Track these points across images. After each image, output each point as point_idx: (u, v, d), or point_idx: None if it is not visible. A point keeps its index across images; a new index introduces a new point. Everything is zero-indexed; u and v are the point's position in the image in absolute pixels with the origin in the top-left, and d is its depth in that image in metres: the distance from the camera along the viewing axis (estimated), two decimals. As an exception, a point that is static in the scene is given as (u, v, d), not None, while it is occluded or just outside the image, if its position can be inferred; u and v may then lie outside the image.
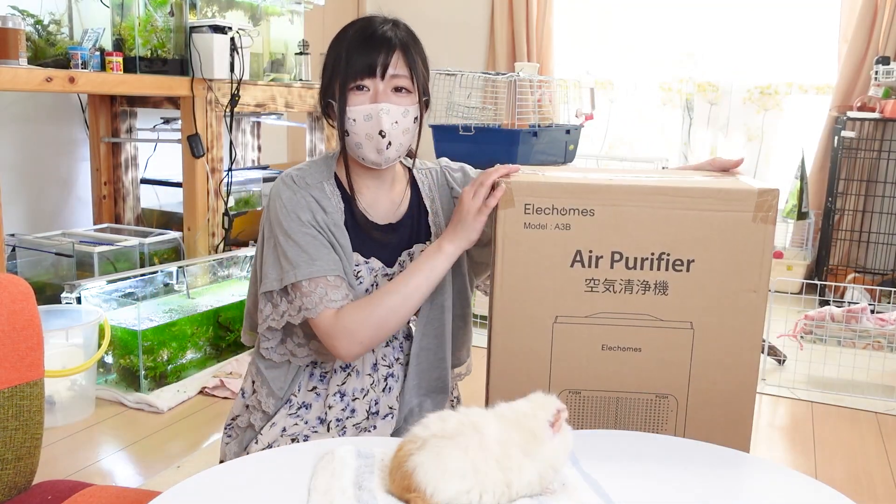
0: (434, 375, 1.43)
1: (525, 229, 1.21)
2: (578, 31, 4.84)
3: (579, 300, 1.22)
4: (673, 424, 1.25)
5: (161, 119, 3.65)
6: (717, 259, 1.21)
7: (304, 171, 1.35)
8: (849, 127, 3.88)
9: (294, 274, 1.27)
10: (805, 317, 2.97)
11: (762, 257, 1.20)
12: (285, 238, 1.28)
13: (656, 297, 1.22)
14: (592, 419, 1.26)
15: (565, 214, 1.20)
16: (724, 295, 1.21)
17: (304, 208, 1.29)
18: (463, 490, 0.88)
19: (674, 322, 1.23)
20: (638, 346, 1.24)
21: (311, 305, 1.26)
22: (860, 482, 2.18)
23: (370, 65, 1.27)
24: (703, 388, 1.24)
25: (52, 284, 2.90)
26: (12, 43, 2.48)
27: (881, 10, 4.03)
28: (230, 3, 3.34)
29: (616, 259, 1.21)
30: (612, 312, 1.23)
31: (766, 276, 1.21)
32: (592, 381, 1.25)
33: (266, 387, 1.38)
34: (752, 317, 1.22)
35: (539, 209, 1.20)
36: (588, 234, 1.21)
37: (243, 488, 0.97)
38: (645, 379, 1.24)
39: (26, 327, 1.17)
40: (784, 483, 1.05)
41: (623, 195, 1.20)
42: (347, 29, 1.32)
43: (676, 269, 1.21)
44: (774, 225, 1.20)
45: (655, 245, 1.21)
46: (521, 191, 1.21)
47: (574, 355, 1.24)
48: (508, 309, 1.24)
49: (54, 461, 2.13)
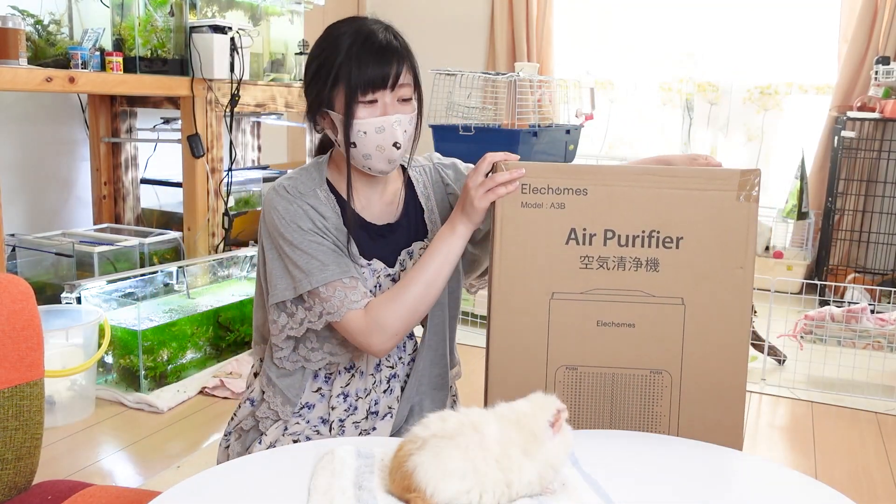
0: (436, 372, 1.44)
1: (522, 208, 1.26)
2: (578, 31, 4.84)
3: (574, 277, 1.26)
4: (668, 400, 1.28)
5: (161, 119, 3.65)
6: (704, 236, 1.25)
7: (294, 181, 1.33)
8: (849, 127, 3.88)
9: (308, 281, 1.26)
10: (805, 317, 2.97)
11: (747, 234, 1.25)
12: (291, 248, 1.28)
13: (648, 273, 1.26)
14: (589, 396, 1.29)
15: (560, 194, 1.25)
16: (713, 271, 1.26)
17: (303, 217, 1.29)
18: (463, 490, 0.88)
19: (665, 298, 1.27)
20: (632, 322, 1.27)
21: (333, 309, 1.26)
22: (860, 482, 2.18)
23: (383, 78, 1.25)
24: (695, 363, 1.27)
25: (52, 284, 2.90)
26: (12, 43, 2.48)
27: (881, 10, 4.03)
28: (230, 3, 3.34)
29: (609, 237, 1.26)
30: (606, 289, 1.27)
31: (752, 253, 1.25)
32: (589, 356, 1.28)
33: (280, 395, 1.37)
34: (740, 292, 1.27)
35: (535, 189, 1.25)
36: (582, 213, 1.26)
37: (243, 488, 0.97)
38: (639, 355, 1.28)
39: (26, 327, 1.17)
40: (784, 483, 1.05)
41: (614, 175, 1.26)
42: (341, 34, 1.28)
43: (666, 246, 1.26)
44: (757, 203, 1.25)
45: (646, 223, 1.26)
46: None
47: (570, 331, 1.27)
48: (507, 285, 1.28)
49: (54, 461, 2.13)
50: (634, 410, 1.28)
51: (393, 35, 1.29)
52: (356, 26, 1.29)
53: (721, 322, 1.27)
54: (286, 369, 1.37)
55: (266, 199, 1.33)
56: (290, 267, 1.28)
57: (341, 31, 1.29)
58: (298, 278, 1.27)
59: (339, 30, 1.30)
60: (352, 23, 1.30)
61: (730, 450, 1.15)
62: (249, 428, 1.42)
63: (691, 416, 1.27)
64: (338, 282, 1.27)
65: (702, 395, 1.27)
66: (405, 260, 1.39)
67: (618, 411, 1.28)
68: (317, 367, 1.37)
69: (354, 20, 1.31)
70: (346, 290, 1.27)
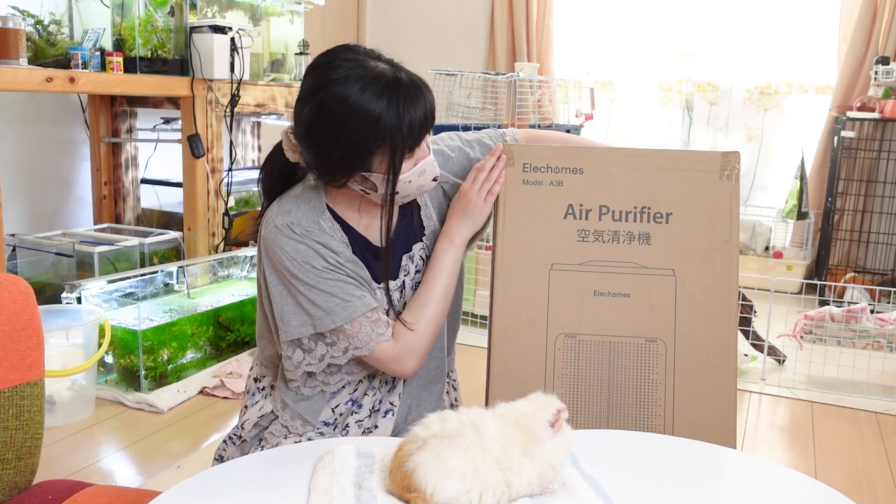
0: (433, 365, 1.44)
1: (523, 185, 1.36)
2: (578, 31, 4.84)
3: (572, 249, 1.36)
4: (662, 368, 1.34)
5: (161, 119, 3.65)
6: (692, 212, 1.36)
7: (294, 216, 1.26)
8: (848, 127, 3.88)
9: (332, 320, 1.24)
10: (805, 317, 2.97)
11: (731, 210, 1.36)
12: (308, 288, 1.24)
13: (640, 246, 1.36)
14: (588, 364, 1.35)
15: (558, 172, 1.36)
16: (701, 244, 1.35)
17: (315, 256, 1.24)
18: (463, 490, 0.88)
19: (657, 269, 1.36)
20: (626, 292, 1.35)
21: (361, 344, 1.26)
22: (860, 482, 2.18)
23: (426, 126, 1.22)
24: (688, 331, 1.34)
25: (53, 284, 2.91)
26: (12, 43, 2.48)
27: (881, 11, 4.03)
28: (230, 3, 3.34)
29: (603, 212, 1.36)
30: (602, 260, 1.36)
31: (735, 228, 1.36)
32: (587, 325, 1.35)
33: (299, 418, 1.35)
34: (727, 264, 1.36)
35: (535, 168, 1.36)
36: (578, 190, 1.36)
37: (243, 488, 0.97)
38: (634, 323, 1.35)
39: (26, 327, 1.17)
40: (784, 483, 1.05)
41: (607, 156, 1.38)
42: (361, 89, 1.16)
43: (657, 221, 1.36)
44: (738, 183, 1.36)
45: (637, 199, 1.36)
46: (520, 152, 1.37)
47: (569, 300, 1.35)
48: (509, 257, 1.37)
49: (54, 461, 2.13)
50: (631, 378, 1.34)
51: (404, 71, 1.22)
52: (387, 80, 1.18)
53: (710, 291, 1.35)
54: (304, 395, 1.34)
55: (269, 238, 1.26)
56: (305, 305, 1.25)
57: (359, 86, 1.17)
58: (318, 317, 1.25)
59: (350, 87, 1.17)
60: (376, 75, 1.18)
61: (730, 450, 1.15)
62: (252, 437, 1.42)
63: (686, 383, 1.34)
64: (362, 317, 1.25)
65: (695, 363, 1.34)
66: (407, 265, 1.38)
67: (616, 379, 1.34)
68: (336, 388, 1.36)
69: (379, 73, 1.18)
70: (371, 325, 1.26)
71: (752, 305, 2.95)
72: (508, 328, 1.35)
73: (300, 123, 1.23)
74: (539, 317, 1.34)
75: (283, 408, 1.36)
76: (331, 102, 1.18)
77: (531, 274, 1.35)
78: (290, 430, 1.36)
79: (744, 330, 2.96)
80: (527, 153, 1.36)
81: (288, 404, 1.35)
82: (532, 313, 1.34)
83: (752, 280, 3.99)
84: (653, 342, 1.34)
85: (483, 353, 1.35)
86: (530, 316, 1.34)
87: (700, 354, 1.34)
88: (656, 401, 1.33)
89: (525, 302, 1.35)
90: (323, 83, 1.19)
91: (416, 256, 1.39)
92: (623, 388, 1.34)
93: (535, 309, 1.34)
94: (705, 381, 1.33)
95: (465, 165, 1.44)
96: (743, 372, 2.97)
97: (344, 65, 1.19)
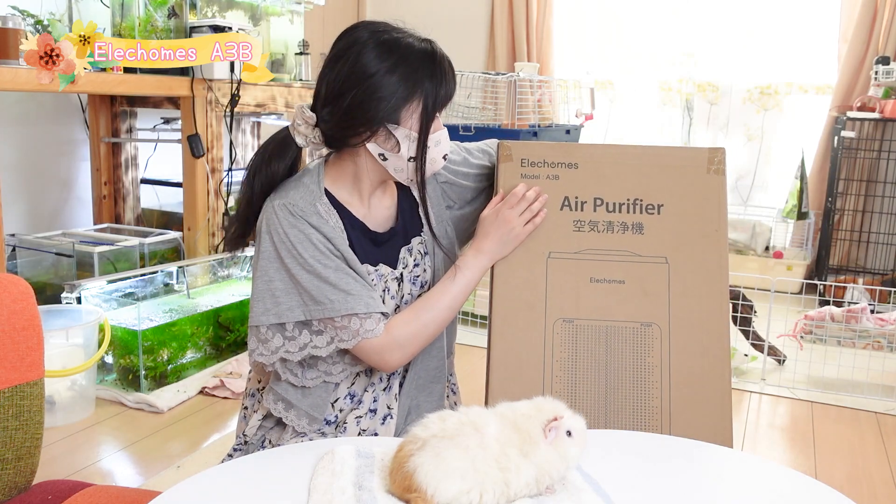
0: (433, 365, 1.43)
1: (521, 179, 1.42)
2: (578, 31, 4.84)
3: (569, 238, 1.41)
4: (658, 352, 1.38)
5: (161, 119, 3.65)
6: (682, 204, 1.42)
7: (292, 197, 1.28)
8: (849, 127, 3.88)
9: (322, 310, 1.24)
10: (805, 317, 2.97)
11: (719, 203, 1.42)
12: (307, 274, 1.25)
13: (634, 235, 1.42)
14: (586, 348, 1.39)
15: (554, 167, 1.43)
16: (692, 233, 1.41)
17: (304, 240, 1.25)
18: (464, 490, 0.88)
19: (651, 257, 1.41)
20: (622, 279, 1.40)
21: (347, 338, 1.26)
22: (860, 482, 2.18)
23: (447, 103, 1.33)
24: (682, 316, 1.39)
25: (53, 284, 2.90)
26: (12, 43, 2.48)
27: (881, 10, 4.03)
28: (230, 3, 3.34)
29: (598, 204, 1.42)
30: (597, 249, 1.41)
31: (724, 218, 1.42)
32: (584, 310, 1.40)
33: (306, 417, 1.33)
34: (717, 252, 1.41)
35: (533, 163, 1.42)
36: (573, 184, 1.42)
37: (243, 488, 0.97)
38: (630, 308, 1.40)
39: (26, 327, 1.17)
40: (784, 483, 1.05)
41: (601, 151, 1.45)
42: (407, 47, 1.27)
43: (649, 213, 1.42)
44: (725, 177, 1.43)
45: (630, 192, 1.42)
46: (518, 149, 1.44)
47: (566, 287, 1.40)
48: None
49: (54, 461, 2.13)
50: (628, 361, 1.38)
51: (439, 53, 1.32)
52: (424, 44, 1.29)
53: (702, 278, 1.40)
54: (306, 388, 1.33)
55: (267, 219, 1.28)
56: (298, 289, 1.25)
57: (404, 41, 1.28)
58: (310, 305, 1.25)
59: (396, 38, 1.27)
60: (412, 41, 1.29)
61: (730, 449, 1.15)
62: (256, 440, 1.42)
63: (681, 365, 1.37)
64: (353, 314, 1.25)
65: (690, 346, 1.38)
66: (405, 257, 1.39)
67: (613, 362, 1.38)
68: (339, 378, 1.34)
69: (421, 39, 1.31)
70: (361, 321, 1.26)
71: (752, 305, 2.95)
72: (508, 313, 1.39)
73: (334, 81, 1.27)
74: (538, 302, 1.39)
75: (288, 408, 1.34)
76: (377, 48, 1.25)
77: (530, 262, 1.40)
78: (295, 431, 1.35)
79: (744, 330, 2.96)
80: (524, 150, 1.43)
81: (293, 404, 1.33)
82: (531, 299, 1.39)
83: (753, 280, 3.99)
84: (648, 326, 1.39)
85: (483, 353, 1.35)
86: (529, 301, 1.39)
87: (694, 338, 1.38)
88: (653, 383, 1.37)
89: (524, 288, 1.40)
90: (364, 38, 1.27)
91: (414, 250, 1.40)
92: (620, 370, 1.38)
93: (534, 295, 1.39)
94: (700, 363, 1.37)
95: (466, 165, 1.50)
96: (743, 372, 2.97)
97: (385, 26, 1.30)
